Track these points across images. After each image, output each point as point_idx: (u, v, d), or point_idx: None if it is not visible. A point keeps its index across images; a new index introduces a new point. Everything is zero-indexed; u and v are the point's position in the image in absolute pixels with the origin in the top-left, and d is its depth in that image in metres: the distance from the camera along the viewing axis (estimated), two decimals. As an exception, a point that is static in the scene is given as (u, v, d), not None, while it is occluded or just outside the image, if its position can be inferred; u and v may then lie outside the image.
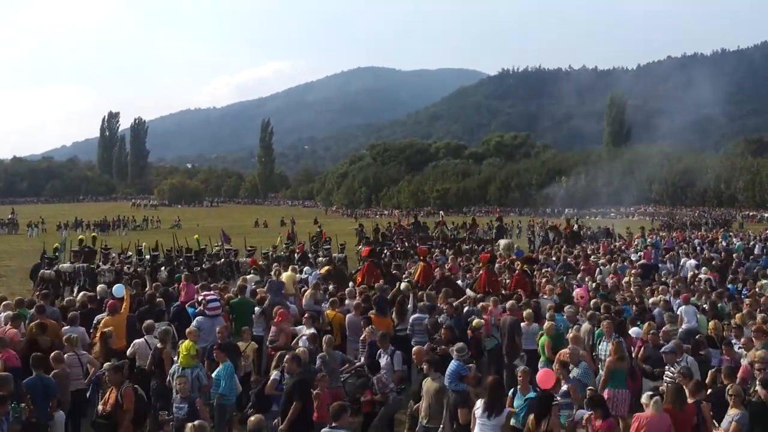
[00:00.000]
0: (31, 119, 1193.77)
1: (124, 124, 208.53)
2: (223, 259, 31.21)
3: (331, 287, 20.03)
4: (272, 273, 21.65)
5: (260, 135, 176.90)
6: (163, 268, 26.89)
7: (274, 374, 12.11)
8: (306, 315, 15.24)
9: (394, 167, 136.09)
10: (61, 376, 11.89)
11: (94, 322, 15.06)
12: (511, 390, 11.41)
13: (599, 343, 14.08)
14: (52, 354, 12.28)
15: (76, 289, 23.35)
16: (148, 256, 29.71)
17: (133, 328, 14.66)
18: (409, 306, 17.41)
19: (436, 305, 17.20)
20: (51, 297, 17.37)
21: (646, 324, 15.19)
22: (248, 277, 22.19)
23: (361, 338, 14.57)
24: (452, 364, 11.67)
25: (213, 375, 12.29)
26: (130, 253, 31.44)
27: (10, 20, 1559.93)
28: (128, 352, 13.48)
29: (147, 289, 19.22)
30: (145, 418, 11.22)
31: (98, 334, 14.08)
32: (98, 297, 17.22)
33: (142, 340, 13.58)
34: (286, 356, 11.85)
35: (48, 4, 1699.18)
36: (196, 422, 8.87)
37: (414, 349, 12.90)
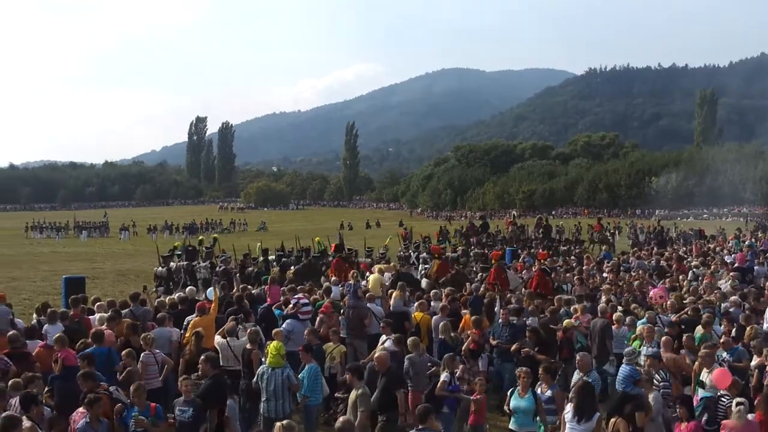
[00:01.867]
0: (122, 124, 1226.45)
1: (212, 128, 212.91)
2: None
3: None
4: (350, 276, 21.55)
5: (345, 138, 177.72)
6: (293, 267, 27.05)
7: (443, 376, 12.19)
8: (383, 324, 15.08)
9: (479, 169, 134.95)
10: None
11: (185, 323, 15.25)
12: (510, 390, 11.25)
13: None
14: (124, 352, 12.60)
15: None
16: (272, 256, 30.43)
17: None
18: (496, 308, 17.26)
19: (523, 308, 16.92)
20: (141, 298, 17.58)
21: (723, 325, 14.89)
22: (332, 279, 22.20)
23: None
24: (624, 369, 11.63)
25: (299, 376, 12.32)
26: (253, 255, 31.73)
27: (102, 26, 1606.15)
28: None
29: (234, 291, 19.31)
30: None
31: (188, 335, 14.28)
32: (188, 298, 17.39)
33: (224, 341, 13.71)
34: (201, 357, 11.73)
35: (139, 9, 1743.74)
36: (284, 422, 8.76)
37: (377, 356, 12.64)
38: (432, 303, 17.61)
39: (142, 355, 12.74)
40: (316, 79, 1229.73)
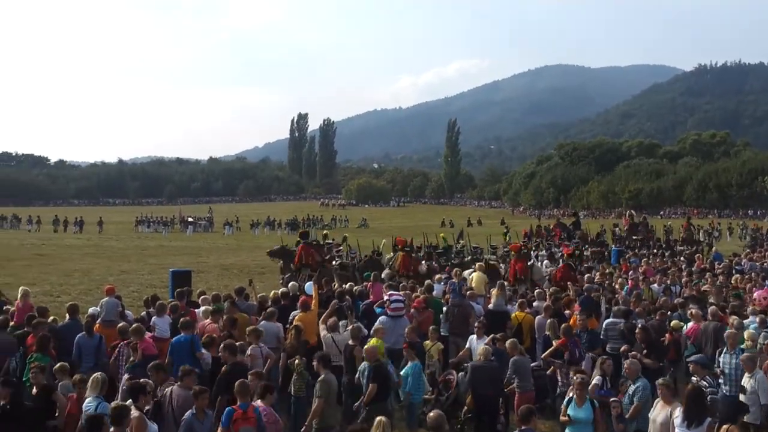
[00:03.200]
0: (225, 121, 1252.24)
1: (313, 125, 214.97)
2: (469, 257, 31.52)
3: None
4: (452, 274, 21.31)
5: (446, 135, 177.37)
6: (423, 262, 27.14)
7: (596, 379, 12.05)
8: (477, 324, 14.82)
9: (583, 167, 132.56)
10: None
11: (290, 318, 15.31)
12: (567, 399, 10.78)
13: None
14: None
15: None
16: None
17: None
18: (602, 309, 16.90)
19: (631, 310, 16.43)
20: (246, 292, 17.74)
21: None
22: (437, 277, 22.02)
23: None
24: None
25: (401, 373, 12.30)
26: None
27: (207, 26, 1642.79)
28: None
29: (336, 286, 19.32)
30: None
31: (291, 329, 14.33)
32: (291, 293, 17.46)
33: (328, 335, 13.73)
34: (221, 345, 12.00)
35: (244, 8, 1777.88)
36: (383, 418, 8.67)
37: (365, 348, 12.29)
38: (535, 303, 17.28)
39: (249, 348, 12.86)
40: (416, 76, 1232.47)
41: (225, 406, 10.09)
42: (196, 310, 15.89)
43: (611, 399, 11.57)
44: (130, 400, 9.60)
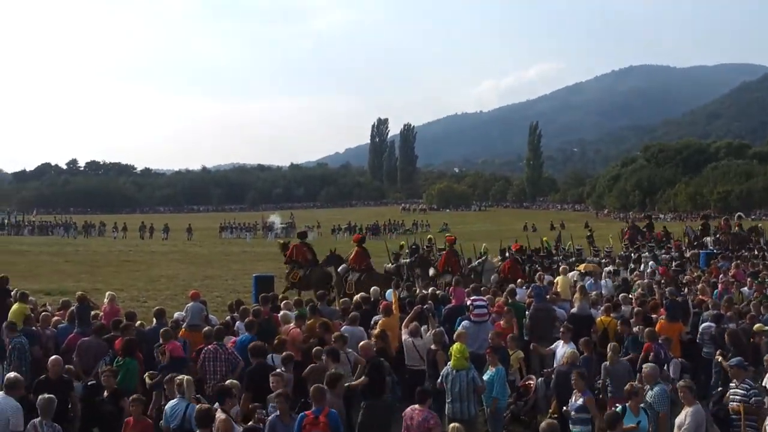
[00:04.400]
0: (306, 127, 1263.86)
1: (393, 130, 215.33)
2: (573, 258, 32.02)
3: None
4: (536, 277, 21.09)
5: (528, 138, 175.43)
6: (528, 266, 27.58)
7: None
8: (562, 328, 14.56)
9: (669, 169, 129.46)
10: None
11: (372, 322, 15.31)
12: (621, 407, 10.41)
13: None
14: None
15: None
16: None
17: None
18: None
19: (723, 314, 16.02)
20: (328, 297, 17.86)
21: None
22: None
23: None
24: None
25: (486, 378, 12.18)
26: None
27: (284, 32, 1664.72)
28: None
29: (417, 290, 19.23)
30: None
31: (376, 333, 14.36)
32: (372, 299, 17.44)
33: (410, 340, 13.79)
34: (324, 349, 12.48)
35: (323, 14, 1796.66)
36: (456, 425, 8.60)
37: (360, 345, 12.54)
38: (623, 307, 16.91)
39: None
40: (497, 79, 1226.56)
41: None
42: (278, 315, 16.03)
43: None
44: (217, 404, 9.76)
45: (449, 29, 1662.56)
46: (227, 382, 11.08)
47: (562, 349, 13.54)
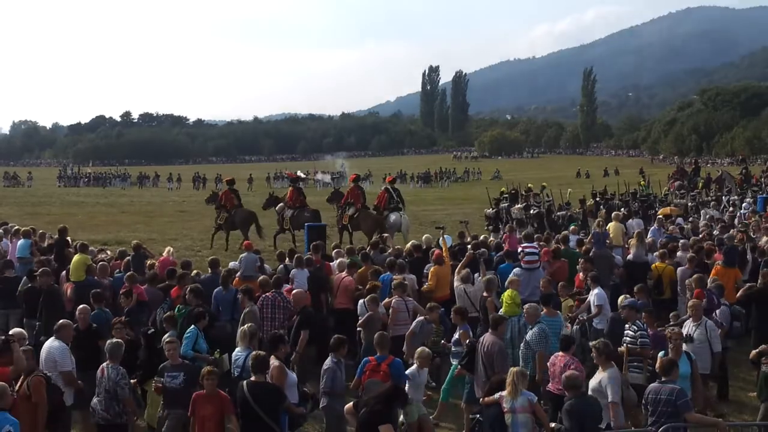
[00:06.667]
0: (357, 76, 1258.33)
1: (445, 77, 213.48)
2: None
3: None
4: (594, 224, 20.83)
5: (582, 84, 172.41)
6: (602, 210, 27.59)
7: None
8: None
9: (727, 113, 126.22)
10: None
11: (424, 271, 15.30)
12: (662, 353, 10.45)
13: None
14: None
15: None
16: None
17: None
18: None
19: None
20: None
21: None
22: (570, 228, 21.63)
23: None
24: None
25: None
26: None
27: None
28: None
29: (467, 239, 19.02)
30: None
31: (430, 282, 14.60)
32: (423, 246, 17.31)
33: (461, 287, 13.72)
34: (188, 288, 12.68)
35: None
36: (518, 369, 8.56)
37: (293, 293, 13.20)
38: (679, 253, 16.63)
39: (393, 300, 12.97)
40: (551, 23, 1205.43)
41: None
42: (331, 264, 16.13)
43: None
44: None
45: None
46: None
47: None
